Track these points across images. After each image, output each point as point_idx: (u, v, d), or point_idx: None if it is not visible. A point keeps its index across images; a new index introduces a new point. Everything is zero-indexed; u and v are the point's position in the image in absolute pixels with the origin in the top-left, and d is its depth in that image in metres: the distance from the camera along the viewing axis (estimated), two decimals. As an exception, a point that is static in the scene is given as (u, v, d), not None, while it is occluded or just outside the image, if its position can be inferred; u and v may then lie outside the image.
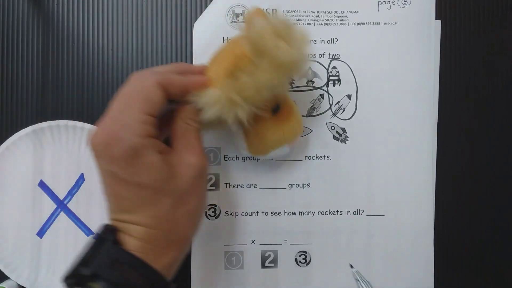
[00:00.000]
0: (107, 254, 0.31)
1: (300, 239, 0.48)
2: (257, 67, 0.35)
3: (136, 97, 0.33)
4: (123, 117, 0.32)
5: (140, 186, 0.32)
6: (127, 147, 0.31)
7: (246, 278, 0.48)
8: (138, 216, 0.33)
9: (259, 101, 0.36)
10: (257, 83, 0.35)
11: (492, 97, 0.50)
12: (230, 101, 0.35)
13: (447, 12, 0.49)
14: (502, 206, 0.50)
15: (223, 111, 0.36)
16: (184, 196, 0.34)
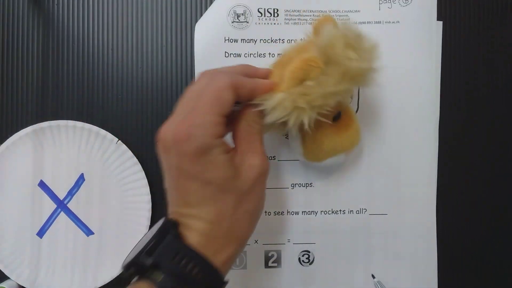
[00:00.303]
0: (169, 246, 0.32)
1: (303, 239, 0.48)
2: (325, 74, 0.35)
3: (209, 97, 0.34)
4: (196, 116, 0.33)
5: (206, 182, 0.33)
6: (199, 146, 0.32)
7: (249, 278, 0.47)
8: (201, 211, 0.34)
9: (323, 108, 0.36)
10: (324, 90, 0.35)
11: (493, 96, 0.50)
12: (295, 106, 0.35)
13: (448, 12, 0.50)
14: (504, 205, 0.50)
15: (288, 116, 0.36)
16: (246, 195, 0.35)
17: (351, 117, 0.43)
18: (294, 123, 0.36)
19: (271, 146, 0.48)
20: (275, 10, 0.48)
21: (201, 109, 0.33)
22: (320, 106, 0.36)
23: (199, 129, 0.33)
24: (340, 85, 0.36)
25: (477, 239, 0.50)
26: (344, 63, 0.35)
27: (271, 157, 0.48)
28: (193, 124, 0.33)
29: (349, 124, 0.43)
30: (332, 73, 0.35)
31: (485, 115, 0.50)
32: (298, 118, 0.36)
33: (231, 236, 0.35)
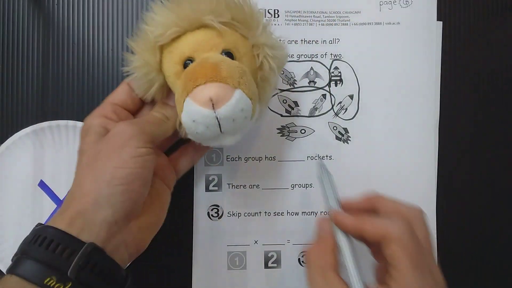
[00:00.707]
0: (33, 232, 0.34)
1: (303, 239, 0.48)
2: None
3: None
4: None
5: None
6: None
7: (249, 278, 0.47)
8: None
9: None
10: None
11: (493, 96, 0.50)
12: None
13: (448, 12, 0.50)
14: (505, 205, 0.50)
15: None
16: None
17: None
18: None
19: (271, 146, 0.48)
20: (276, 11, 0.48)
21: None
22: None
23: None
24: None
25: (477, 239, 0.50)
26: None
27: (271, 157, 0.48)
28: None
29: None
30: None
31: (485, 115, 0.50)
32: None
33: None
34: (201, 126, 0.34)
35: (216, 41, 0.36)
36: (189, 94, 0.33)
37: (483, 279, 0.50)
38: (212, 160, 0.48)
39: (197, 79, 0.33)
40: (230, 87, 0.33)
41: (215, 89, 0.33)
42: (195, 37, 0.36)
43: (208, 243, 0.47)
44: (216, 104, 0.33)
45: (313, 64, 0.48)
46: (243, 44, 0.37)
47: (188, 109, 0.33)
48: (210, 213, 0.47)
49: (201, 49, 0.36)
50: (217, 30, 0.36)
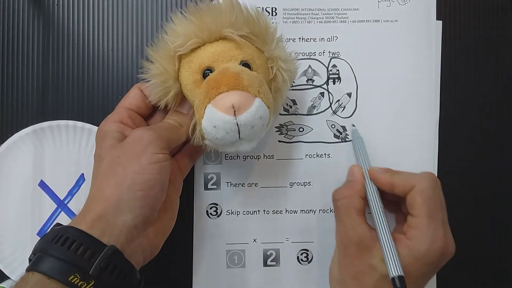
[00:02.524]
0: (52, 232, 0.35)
1: (302, 237, 0.48)
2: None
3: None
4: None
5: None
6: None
7: (248, 277, 0.47)
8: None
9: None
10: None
11: (493, 96, 0.50)
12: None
13: (448, 12, 0.49)
14: (505, 205, 0.50)
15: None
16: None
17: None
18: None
19: (269, 145, 0.48)
20: (273, 8, 0.48)
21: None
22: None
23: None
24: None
25: (477, 239, 0.49)
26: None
27: (269, 156, 0.48)
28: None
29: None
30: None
31: (485, 114, 0.50)
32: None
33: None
34: (222, 131, 0.35)
35: (235, 53, 0.38)
36: (212, 101, 0.35)
37: (483, 279, 0.49)
38: (210, 158, 0.48)
39: (220, 87, 0.35)
40: (250, 96, 0.35)
41: (237, 96, 0.34)
42: (214, 48, 0.38)
43: (207, 241, 0.47)
44: (237, 111, 0.34)
45: (311, 62, 0.48)
46: (258, 56, 0.39)
47: (210, 115, 0.35)
48: (209, 211, 0.48)
49: (220, 59, 0.37)
50: (236, 43, 0.38)
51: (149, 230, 0.37)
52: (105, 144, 0.38)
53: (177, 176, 0.43)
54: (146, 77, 0.39)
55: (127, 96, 0.42)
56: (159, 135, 0.37)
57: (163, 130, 0.39)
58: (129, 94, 0.42)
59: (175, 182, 0.42)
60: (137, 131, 0.38)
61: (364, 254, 0.39)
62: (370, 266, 0.38)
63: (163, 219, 0.40)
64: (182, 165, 0.44)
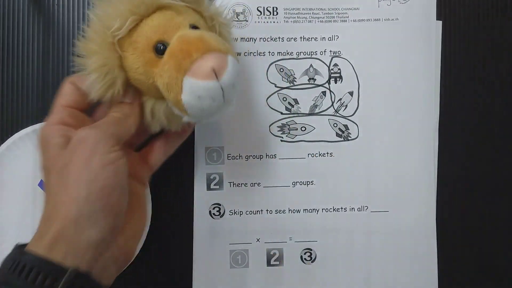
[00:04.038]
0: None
1: (305, 237, 0.47)
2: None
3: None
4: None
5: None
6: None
7: (251, 276, 0.47)
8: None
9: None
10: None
11: (493, 96, 0.50)
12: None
13: (448, 12, 0.50)
14: (505, 205, 0.50)
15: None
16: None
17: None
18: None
19: (271, 144, 0.48)
20: (274, 8, 0.48)
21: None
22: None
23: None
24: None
25: (477, 239, 0.49)
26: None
27: (272, 155, 0.48)
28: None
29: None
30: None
31: (485, 114, 0.50)
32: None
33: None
34: (208, 100, 0.33)
35: (179, 19, 0.35)
36: (188, 72, 0.32)
37: (483, 278, 0.49)
38: (213, 159, 0.47)
39: (191, 55, 0.32)
40: (223, 54, 0.33)
41: (215, 59, 0.32)
42: (156, 20, 0.35)
43: (210, 242, 0.47)
44: (218, 74, 0.32)
45: (313, 61, 0.48)
46: (199, 18, 0.37)
47: (191, 86, 0.32)
48: (211, 211, 0.47)
49: (169, 30, 0.34)
50: (174, 10, 0.35)
51: (119, 238, 0.34)
52: (49, 154, 0.34)
53: (141, 170, 0.40)
54: (84, 75, 0.35)
55: (60, 93, 0.38)
56: (105, 132, 0.34)
57: (109, 126, 0.35)
58: (62, 91, 0.38)
59: (137, 176, 0.40)
60: (79, 133, 0.33)
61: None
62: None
63: (131, 221, 0.36)
64: (151, 159, 0.42)
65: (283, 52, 0.48)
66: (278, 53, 0.48)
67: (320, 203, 0.48)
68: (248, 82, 0.48)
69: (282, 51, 0.48)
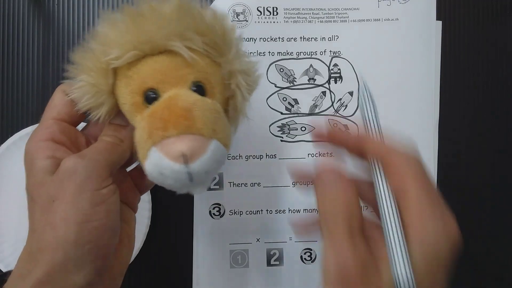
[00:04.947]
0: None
1: (305, 237, 0.47)
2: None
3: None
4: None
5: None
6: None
7: (251, 276, 0.47)
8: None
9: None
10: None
11: (493, 96, 0.50)
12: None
13: (447, 12, 0.50)
14: (505, 205, 0.50)
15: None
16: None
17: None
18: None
19: (271, 144, 0.48)
20: (274, 8, 0.48)
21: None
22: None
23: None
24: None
25: (477, 238, 0.49)
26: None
27: (272, 155, 0.48)
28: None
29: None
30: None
31: (485, 114, 0.50)
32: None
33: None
34: (170, 179, 0.29)
35: (184, 72, 0.30)
36: (157, 144, 0.28)
37: (483, 278, 0.49)
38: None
39: (167, 129, 0.28)
40: (205, 139, 0.28)
41: (189, 143, 0.28)
42: (158, 64, 0.30)
43: (210, 241, 0.47)
44: (189, 159, 0.28)
45: (313, 62, 0.48)
46: (214, 71, 0.31)
47: (155, 161, 0.28)
48: (211, 211, 0.47)
49: (167, 81, 0.30)
50: (185, 57, 0.30)
51: (105, 277, 0.31)
52: (33, 178, 0.30)
53: (132, 194, 0.37)
54: (73, 88, 0.31)
55: (51, 103, 0.33)
56: (96, 162, 0.30)
57: (100, 154, 0.31)
58: (53, 102, 0.33)
59: (130, 202, 0.36)
60: (67, 163, 0.29)
61: (373, 282, 0.27)
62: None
63: (119, 258, 0.33)
64: (141, 183, 0.37)
65: (283, 52, 0.48)
66: (278, 53, 0.48)
67: (320, 203, 0.48)
68: (248, 82, 0.48)
69: (282, 51, 0.48)
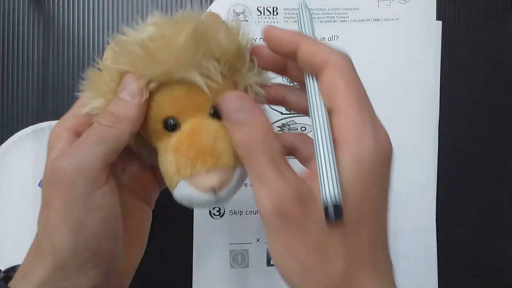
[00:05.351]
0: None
1: None
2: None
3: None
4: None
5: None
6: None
7: (251, 276, 0.47)
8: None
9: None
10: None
11: (492, 96, 0.50)
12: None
13: (447, 12, 0.50)
14: (504, 205, 0.50)
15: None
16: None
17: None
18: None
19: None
20: (274, 8, 0.48)
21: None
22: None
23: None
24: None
25: (477, 238, 0.49)
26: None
27: (272, 155, 0.48)
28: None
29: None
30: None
31: (485, 115, 0.50)
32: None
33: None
34: (198, 206, 0.30)
35: (202, 99, 0.29)
36: (186, 179, 0.28)
37: (483, 278, 0.49)
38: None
39: (195, 167, 0.28)
40: (230, 170, 0.29)
41: (218, 177, 0.28)
42: (175, 93, 0.29)
43: (210, 242, 0.47)
44: (218, 190, 0.28)
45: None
46: (230, 89, 0.30)
47: (185, 191, 0.28)
48: (211, 211, 0.47)
49: (185, 110, 0.29)
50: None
51: (113, 280, 0.30)
52: (45, 173, 0.29)
53: (150, 189, 0.35)
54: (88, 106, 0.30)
55: (79, 102, 0.31)
56: (86, 158, 0.27)
57: (91, 146, 0.27)
58: (81, 101, 0.31)
59: (147, 197, 0.35)
60: (55, 164, 0.27)
61: (312, 210, 0.24)
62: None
63: (128, 255, 0.32)
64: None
65: (283, 52, 0.48)
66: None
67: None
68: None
69: (282, 51, 0.48)
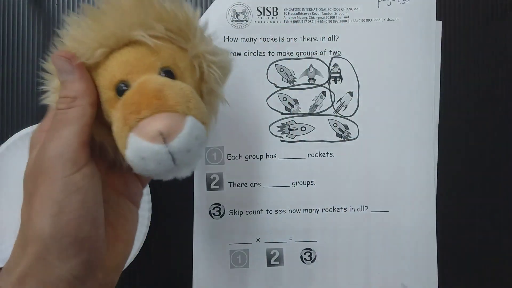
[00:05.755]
0: None
1: (305, 237, 0.48)
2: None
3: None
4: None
5: None
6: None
7: (251, 276, 0.47)
8: None
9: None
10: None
11: (492, 96, 0.50)
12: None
13: (447, 12, 0.50)
14: (504, 205, 0.50)
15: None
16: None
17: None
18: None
19: (271, 144, 0.48)
20: (275, 8, 0.48)
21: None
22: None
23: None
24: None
25: (477, 239, 0.49)
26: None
27: (272, 155, 0.48)
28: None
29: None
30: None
31: (485, 115, 0.50)
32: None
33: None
34: (152, 163, 0.28)
35: (151, 60, 0.30)
36: (133, 129, 0.28)
37: (483, 279, 0.49)
38: (213, 159, 0.47)
39: (140, 111, 0.28)
40: (180, 115, 0.28)
41: (164, 121, 0.27)
42: (125, 56, 0.30)
43: (210, 241, 0.47)
44: (167, 137, 0.27)
45: (313, 62, 0.48)
46: (181, 57, 0.31)
47: (135, 146, 0.28)
48: (211, 211, 0.47)
49: (135, 71, 0.30)
50: (150, 46, 0.30)
51: (97, 272, 0.30)
52: (25, 171, 0.30)
53: (133, 188, 0.35)
54: (48, 91, 0.32)
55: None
56: (61, 142, 0.28)
57: (62, 130, 0.28)
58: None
59: (131, 196, 0.34)
60: (35, 156, 0.29)
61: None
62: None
63: (114, 252, 0.31)
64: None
65: (283, 52, 0.48)
66: (278, 53, 0.48)
67: (320, 203, 0.48)
68: (248, 82, 0.48)
69: (282, 51, 0.48)
